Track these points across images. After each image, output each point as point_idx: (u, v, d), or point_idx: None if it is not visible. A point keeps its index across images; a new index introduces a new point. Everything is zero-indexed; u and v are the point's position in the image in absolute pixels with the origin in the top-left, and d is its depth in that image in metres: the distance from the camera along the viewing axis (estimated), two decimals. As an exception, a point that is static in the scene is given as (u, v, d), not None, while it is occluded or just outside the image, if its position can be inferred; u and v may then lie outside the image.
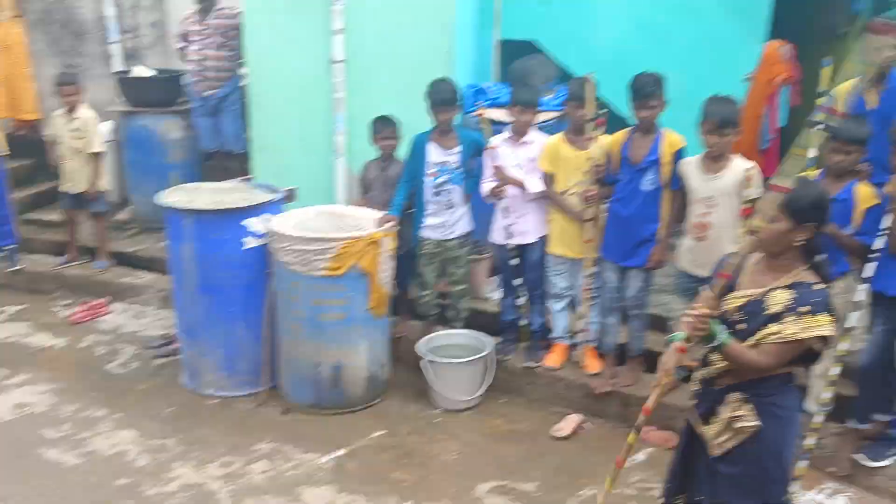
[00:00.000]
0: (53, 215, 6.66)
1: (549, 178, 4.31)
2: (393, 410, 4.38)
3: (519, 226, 4.41)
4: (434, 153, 4.40)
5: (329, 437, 4.11)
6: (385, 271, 4.29)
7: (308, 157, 5.60)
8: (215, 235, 4.24)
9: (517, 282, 4.49)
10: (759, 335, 2.41)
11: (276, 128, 5.65)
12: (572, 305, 4.51)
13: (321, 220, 4.47)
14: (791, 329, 2.35)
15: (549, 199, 4.33)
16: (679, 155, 3.98)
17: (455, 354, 4.42)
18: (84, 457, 3.91)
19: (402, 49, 5.24)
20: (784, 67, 5.33)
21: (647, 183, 4.03)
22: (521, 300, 4.54)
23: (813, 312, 2.34)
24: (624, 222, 4.11)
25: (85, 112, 5.69)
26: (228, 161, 6.74)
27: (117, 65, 6.86)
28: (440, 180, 4.41)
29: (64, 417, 4.26)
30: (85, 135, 5.64)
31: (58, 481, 3.71)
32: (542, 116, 5.20)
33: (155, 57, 6.85)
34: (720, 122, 3.67)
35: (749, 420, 2.45)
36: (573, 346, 4.54)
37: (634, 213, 4.08)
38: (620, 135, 4.14)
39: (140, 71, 6.44)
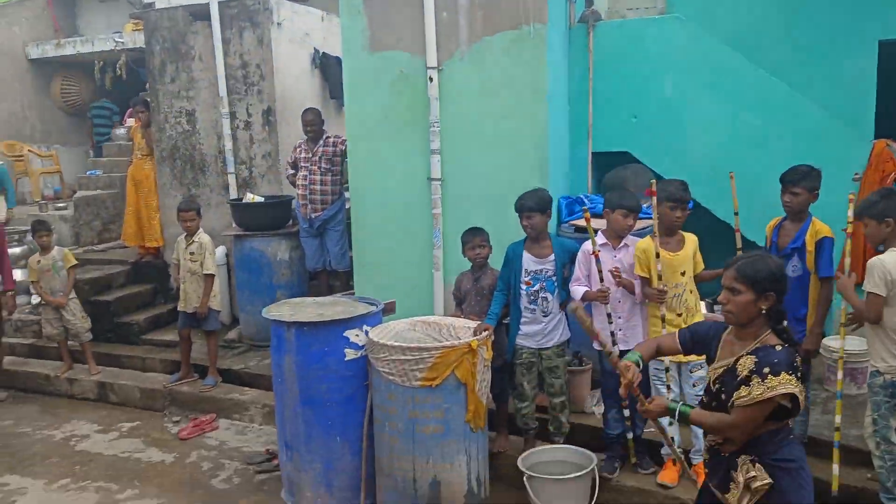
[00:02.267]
0: (170, 335, 7.02)
1: (644, 283, 4.22)
2: (493, 531, 4.17)
3: (624, 332, 4.29)
4: (529, 261, 4.40)
5: (426, 557, 3.93)
6: (482, 382, 4.20)
7: (407, 271, 5.73)
8: (315, 347, 4.31)
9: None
10: (732, 399, 2.57)
11: (377, 245, 5.83)
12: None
13: (418, 330, 4.49)
14: (757, 390, 2.50)
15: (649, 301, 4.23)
16: (822, 243, 3.99)
17: (557, 471, 4.21)
18: (183, 573, 3.90)
19: (497, 165, 5.39)
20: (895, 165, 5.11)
21: (790, 269, 3.96)
22: (627, 412, 4.34)
23: (774, 373, 2.49)
24: None
25: (201, 237, 6.08)
26: (333, 279, 6.99)
27: (233, 193, 7.37)
28: (535, 288, 4.38)
29: (167, 532, 4.30)
30: (199, 258, 6.00)
31: None
32: (640, 224, 5.15)
33: (266, 185, 7.32)
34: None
35: (762, 479, 2.55)
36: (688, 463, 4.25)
37: None
38: (774, 221, 4.26)
39: (250, 198, 6.88)
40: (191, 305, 6.04)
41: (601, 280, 4.23)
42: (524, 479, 4.12)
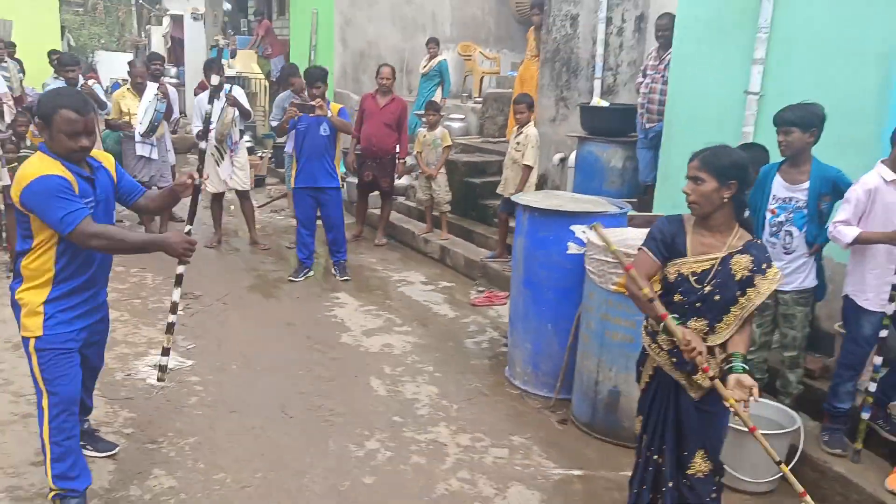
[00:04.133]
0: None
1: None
2: (662, 460, 3.89)
3: None
4: (778, 186, 3.76)
5: (580, 456, 3.92)
6: (688, 306, 3.85)
7: (706, 192, 5.29)
8: (541, 234, 4.46)
9: (878, 360, 3.52)
10: (742, 304, 2.65)
11: (681, 159, 5.47)
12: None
13: (649, 241, 4.26)
14: (764, 287, 2.65)
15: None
16: None
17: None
18: (391, 393, 4.58)
19: (827, 81, 4.56)
20: None
21: None
22: (874, 386, 3.55)
23: (769, 266, 2.67)
24: None
25: (529, 129, 6.48)
26: (661, 196, 6.75)
27: (596, 98, 7.53)
28: (780, 219, 3.75)
29: (404, 363, 5.04)
30: (522, 149, 6.43)
31: (361, 402, 4.46)
32: None
33: (626, 93, 7.29)
34: None
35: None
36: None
37: None
38: None
39: (596, 101, 6.97)
40: (507, 191, 6.56)
41: None
42: (699, 416, 3.72)
